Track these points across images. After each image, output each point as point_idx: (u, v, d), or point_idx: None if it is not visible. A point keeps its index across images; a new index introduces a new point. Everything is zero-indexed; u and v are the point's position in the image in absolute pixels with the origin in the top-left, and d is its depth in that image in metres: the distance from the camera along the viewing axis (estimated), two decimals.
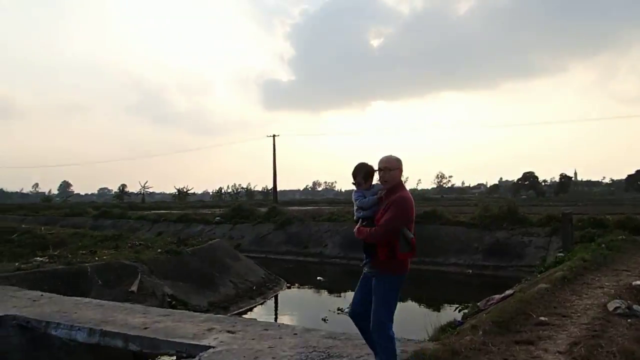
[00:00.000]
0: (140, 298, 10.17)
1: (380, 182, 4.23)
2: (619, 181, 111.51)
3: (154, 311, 7.58)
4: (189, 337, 5.80)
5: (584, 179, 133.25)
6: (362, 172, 4.28)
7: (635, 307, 6.44)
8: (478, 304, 9.01)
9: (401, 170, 4.22)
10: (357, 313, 4.44)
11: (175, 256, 12.93)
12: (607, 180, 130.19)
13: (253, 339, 5.67)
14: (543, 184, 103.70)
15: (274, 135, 66.83)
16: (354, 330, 4.68)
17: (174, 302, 10.53)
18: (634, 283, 8.14)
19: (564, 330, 5.71)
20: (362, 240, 4.22)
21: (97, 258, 11.91)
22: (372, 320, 4.17)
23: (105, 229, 28.35)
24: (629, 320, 6.05)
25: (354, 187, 4.38)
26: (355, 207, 4.34)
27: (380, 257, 4.07)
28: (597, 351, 4.80)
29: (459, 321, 8.08)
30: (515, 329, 5.79)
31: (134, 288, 10.38)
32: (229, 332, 6.03)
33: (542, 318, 6.24)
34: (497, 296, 8.97)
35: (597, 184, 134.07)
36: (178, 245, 14.37)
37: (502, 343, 5.16)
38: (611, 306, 6.54)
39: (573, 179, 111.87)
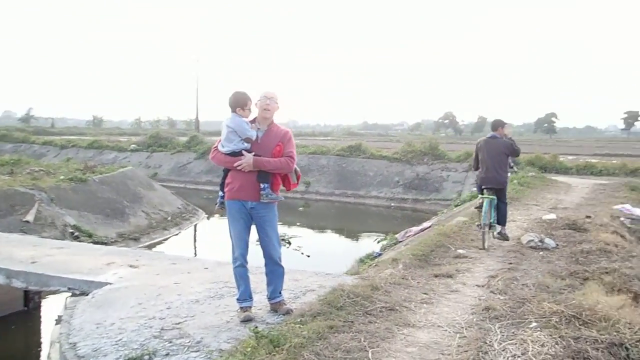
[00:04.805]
0: (37, 229, 9.23)
1: (263, 113, 3.94)
2: (529, 124, 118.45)
3: (47, 243, 6.79)
4: (84, 273, 5.16)
5: None
6: (250, 101, 3.96)
7: (547, 240, 6.59)
8: (396, 235, 9.01)
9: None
10: (245, 256, 4.00)
11: (80, 184, 11.86)
12: (519, 123, 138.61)
13: (158, 275, 5.14)
14: (461, 123, 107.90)
15: (197, 60, 64.25)
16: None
17: (77, 234, 9.67)
18: (544, 217, 8.42)
19: (481, 263, 5.71)
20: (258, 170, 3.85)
21: None
22: (273, 253, 3.96)
23: (4, 153, 25.76)
24: (540, 253, 6.18)
25: (238, 116, 3.92)
26: (239, 138, 3.89)
27: (275, 186, 3.94)
28: (514, 284, 4.78)
29: (377, 253, 8.04)
30: (434, 262, 5.70)
31: (30, 218, 9.38)
32: (131, 266, 5.46)
33: (460, 251, 6.22)
34: (415, 228, 9.00)
35: (509, 125, 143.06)
36: (84, 172, 13.19)
37: (421, 277, 5.01)
38: (525, 239, 6.66)
39: (488, 119, 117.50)
